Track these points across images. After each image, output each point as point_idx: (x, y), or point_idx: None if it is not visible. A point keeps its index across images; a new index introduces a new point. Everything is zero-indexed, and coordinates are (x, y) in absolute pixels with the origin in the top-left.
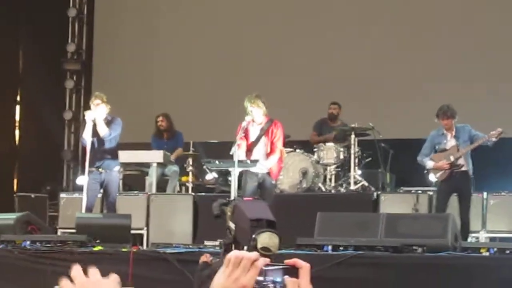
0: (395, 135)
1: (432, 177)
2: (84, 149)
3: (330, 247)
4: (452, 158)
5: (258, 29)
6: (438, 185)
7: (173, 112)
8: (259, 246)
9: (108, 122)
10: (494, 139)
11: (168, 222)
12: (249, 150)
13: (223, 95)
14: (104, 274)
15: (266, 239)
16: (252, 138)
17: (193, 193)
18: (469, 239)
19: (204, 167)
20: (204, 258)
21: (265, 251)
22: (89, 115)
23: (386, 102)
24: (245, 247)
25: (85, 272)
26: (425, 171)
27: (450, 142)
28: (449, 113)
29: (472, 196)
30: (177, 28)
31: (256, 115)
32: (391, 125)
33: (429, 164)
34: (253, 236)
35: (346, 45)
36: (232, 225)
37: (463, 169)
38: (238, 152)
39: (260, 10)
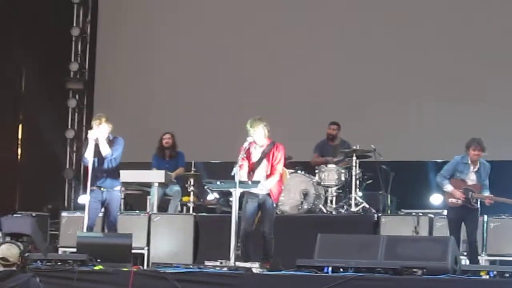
0: (396, 157)
1: (436, 200)
2: (85, 168)
3: (330, 269)
4: (470, 195)
5: (260, 51)
6: (448, 210)
7: (176, 132)
8: None
9: (110, 142)
10: None
11: (169, 242)
12: (251, 171)
13: (225, 115)
14: None
15: (4, 250)
16: (254, 159)
17: (194, 213)
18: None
19: (206, 187)
20: None
21: (4, 261)
22: (91, 135)
23: (388, 123)
24: None
25: None
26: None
27: (471, 175)
28: (482, 146)
29: (478, 221)
30: (179, 49)
31: (257, 137)
32: (393, 147)
33: (448, 188)
34: None
35: (348, 65)
36: None
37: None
38: (240, 172)
39: (262, 32)
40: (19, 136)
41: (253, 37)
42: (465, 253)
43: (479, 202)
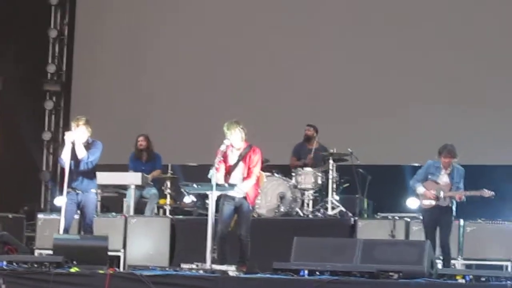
0: (373, 161)
1: (412, 204)
2: (62, 170)
3: (306, 272)
4: (441, 194)
5: (238, 55)
6: (422, 213)
7: (153, 134)
8: None
9: (89, 145)
10: (483, 196)
11: (145, 244)
12: (227, 174)
13: (203, 118)
14: None
15: None
16: (231, 162)
17: (170, 216)
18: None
19: (182, 190)
20: None
21: None
22: (68, 136)
23: (365, 127)
24: None
25: None
26: (415, 196)
27: (443, 177)
28: (453, 153)
29: (452, 224)
30: (157, 52)
31: (234, 140)
32: (369, 151)
33: (420, 189)
34: None
35: (325, 69)
36: None
37: (447, 205)
38: (217, 175)
39: (240, 37)
40: None
41: (232, 43)
42: (441, 257)
43: (454, 205)
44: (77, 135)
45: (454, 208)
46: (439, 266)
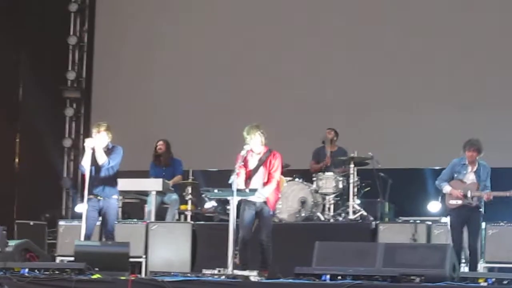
0: (394, 164)
1: (434, 208)
2: (83, 176)
3: (328, 277)
4: (469, 194)
5: (257, 59)
6: (450, 213)
7: (173, 140)
8: None
9: (109, 151)
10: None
11: (167, 250)
12: (248, 179)
13: (223, 123)
14: None
15: None
16: (251, 167)
17: (192, 222)
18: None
19: (203, 195)
20: None
21: None
22: (89, 143)
23: (385, 131)
24: None
25: None
26: (440, 196)
27: (470, 175)
28: (477, 147)
29: (481, 227)
30: (176, 57)
31: (254, 145)
32: (391, 154)
33: (446, 188)
34: None
35: (346, 73)
36: None
37: (474, 205)
38: (237, 180)
39: (259, 39)
40: (17, 145)
41: (251, 46)
42: (463, 261)
43: (483, 205)
44: (97, 141)
45: (483, 209)
46: (466, 269)
